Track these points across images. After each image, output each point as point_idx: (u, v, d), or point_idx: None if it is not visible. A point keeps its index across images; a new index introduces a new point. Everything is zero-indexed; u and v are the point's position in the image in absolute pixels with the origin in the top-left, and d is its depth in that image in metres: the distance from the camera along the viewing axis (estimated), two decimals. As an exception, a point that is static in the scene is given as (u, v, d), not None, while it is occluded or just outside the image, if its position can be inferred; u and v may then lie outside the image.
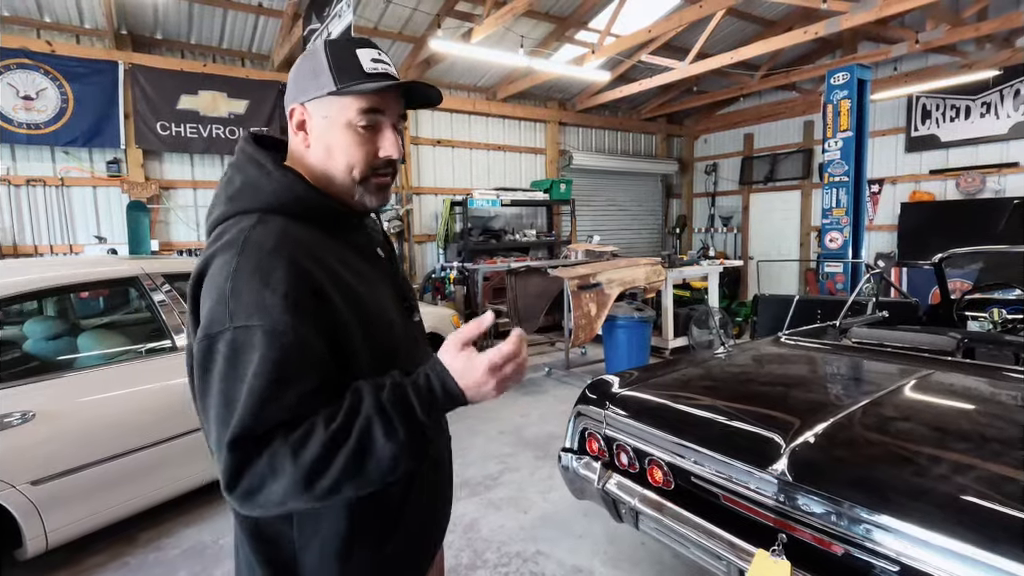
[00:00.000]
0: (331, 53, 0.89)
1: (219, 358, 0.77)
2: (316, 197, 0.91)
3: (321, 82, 0.89)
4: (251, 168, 0.91)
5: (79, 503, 2.46)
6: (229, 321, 0.76)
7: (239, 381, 0.75)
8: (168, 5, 5.30)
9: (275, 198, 0.88)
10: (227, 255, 0.81)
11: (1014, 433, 1.68)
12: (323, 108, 0.90)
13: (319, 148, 0.92)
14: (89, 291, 3.59)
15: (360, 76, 0.88)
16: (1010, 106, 6.83)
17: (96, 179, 5.63)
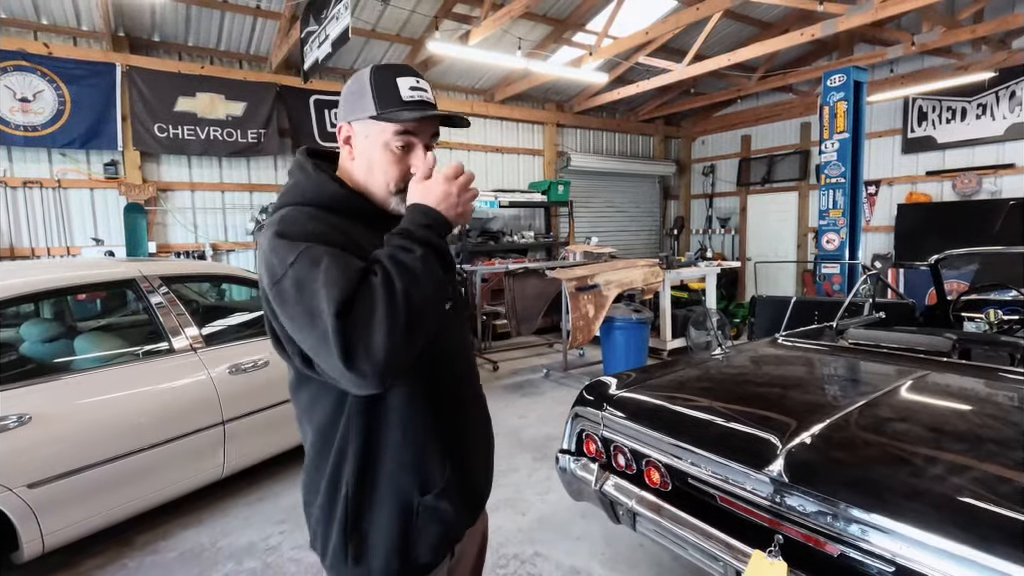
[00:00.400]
0: (374, 80, 1.03)
1: (289, 292, 0.88)
2: (347, 195, 1.05)
3: (364, 105, 1.03)
4: (298, 173, 1.08)
5: (76, 506, 2.45)
6: (284, 265, 0.90)
7: (313, 293, 0.86)
8: (165, 7, 5.30)
9: (313, 194, 1.04)
10: (270, 229, 0.97)
11: (1009, 434, 1.69)
12: (365, 128, 1.05)
13: (362, 162, 1.07)
14: (86, 293, 3.59)
15: (398, 104, 1.02)
16: (1006, 108, 6.87)
17: (93, 181, 5.62)
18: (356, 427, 1.02)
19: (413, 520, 1.06)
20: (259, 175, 6.56)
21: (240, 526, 2.98)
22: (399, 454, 1.04)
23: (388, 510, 1.05)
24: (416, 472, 1.06)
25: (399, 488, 1.05)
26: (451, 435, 1.12)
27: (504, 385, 5.56)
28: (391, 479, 1.05)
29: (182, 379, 2.87)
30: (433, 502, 1.07)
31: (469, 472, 1.17)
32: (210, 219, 6.31)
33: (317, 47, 4.86)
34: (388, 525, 1.04)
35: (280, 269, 0.90)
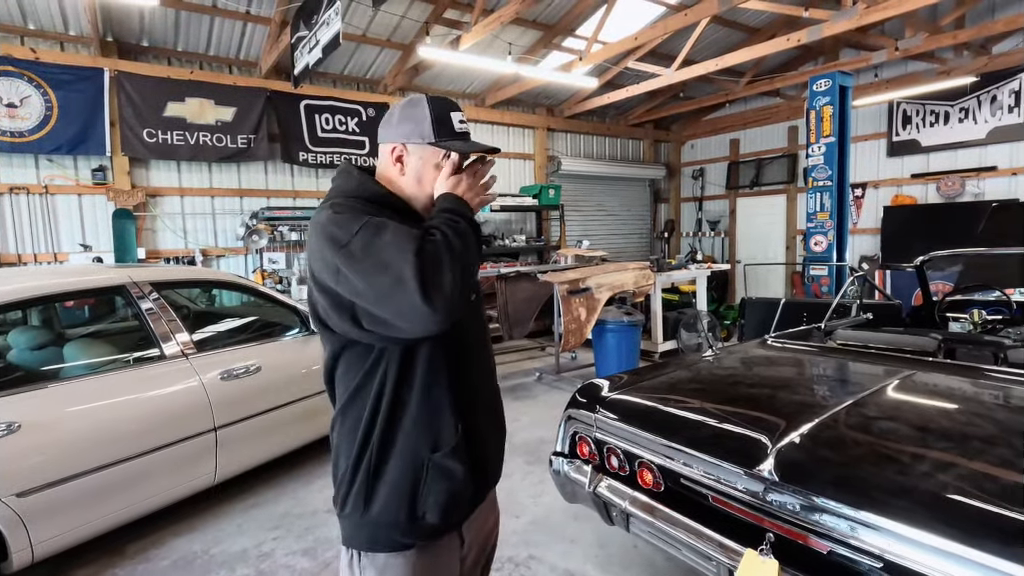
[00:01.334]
0: (433, 111, 1.20)
1: (359, 251, 1.03)
2: (388, 194, 1.22)
3: (423, 131, 1.20)
4: (341, 177, 1.25)
5: (66, 515, 2.43)
6: (349, 234, 1.04)
7: (383, 249, 1.02)
8: (154, 12, 5.28)
9: (354, 191, 1.20)
10: (325, 211, 1.12)
11: (993, 431, 1.73)
12: (420, 151, 1.22)
13: (411, 177, 1.23)
14: (75, 300, 3.56)
15: (452, 134, 1.21)
16: (987, 111, 6.99)
17: (81, 187, 5.57)
18: (388, 387, 1.16)
19: (423, 475, 1.17)
20: (249, 180, 6.53)
21: (233, 533, 2.96)
22: (416, 412, 1.17)
23: (401, 464, 1.17)
24: (429, 430, 1.18)
25: (413, 444, 1.17)
26: (465, 402, 1.23)
27: (497, 389, 5.56)
28: (407, 436, 1.17)
29: (173, 386, 2.85)
30: (441, 460, 1.18)
31: (479, 440, 1.27)
32: (200, 224, 6.27)
33: (308, 52, 4.86)
34: (399, 478, 1.17)
35: (345, 236, 1.04)
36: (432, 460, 1.18)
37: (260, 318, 3.75)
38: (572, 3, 6.39)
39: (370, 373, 1.17)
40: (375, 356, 1.16)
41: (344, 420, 1.22)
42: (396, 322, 1.03)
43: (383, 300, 1.01)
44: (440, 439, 1.19)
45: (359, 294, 1.04)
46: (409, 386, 1.18)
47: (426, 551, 1.20)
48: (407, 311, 1.00)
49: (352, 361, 1.19)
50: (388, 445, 1.18)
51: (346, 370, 1.21)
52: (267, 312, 3.82)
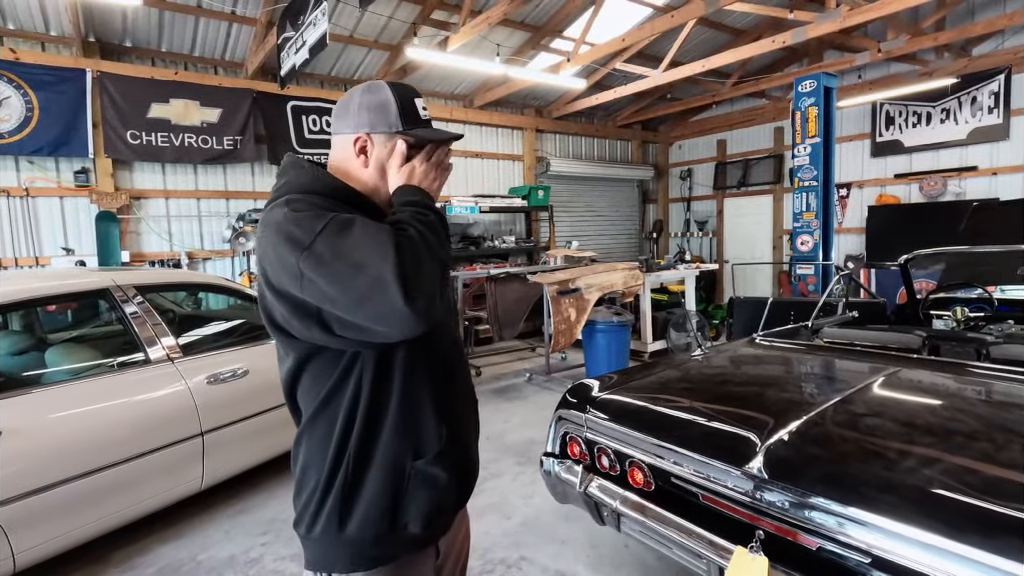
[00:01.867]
0: (399, 98, 1.14)
1: (326, 253, 0.94)
2: (346, 187, 1.12)
3: (389, 120, 1.13)
4: (293, 170, 1.13)
5: (49, 523, 2.38)
6: (312, 233, 0.95)
7: (354, 248, 0.93)
8: (137, 12, 5.21)
9: (311, 184, 1.09)
10: (279, 209, 1.01)
11: (977, 426, 1.75)
12: (387, 141, 1.14)
13: (375, 170, 1.15)
14: (57, 304, 3.50)
15: (419, 122, 1.15)
16: (968, 112, 7.11)
17: (63, 189, 5.48)
18: (364, 393, 1.07)
19: (404, 484, 1.10)
20: (235, 182, 6.47)
21: (221, 539, 2.92)
22: (397, 418, 1.09)
23: (381, 476, 1.08)
24: (411, 436, 1.11)
25: (393, 452, 1.09)
26: (446, 404, 1.16)
27: (487, 390, 5.56)
28: (387, 445, 1.09)
29: (159, 390, 2.81)
30: (425, 467, 1.11)
31: (463, 442, 1.21)
32: (185, 227, 6.20)
33: (294, 53, 4.83)
34: (379, 491, 1.08)
35: (307, 237, 0.95)
36: (415, 468, 1.11)
37: (247, 321, 3.72)
38: (560, 4, 6.41)
39: (343, 380, 1.08)
40: (347, 361, 1.06)
41: (313, 433, 1.12)
42: (374, 326, 0.95)
43: (360, 304, 0.93)
44: (423, 445, 1.12)
45: (330, 300, 0.94)
46: (388, 390, 1.09)
47: (404, 566, 1.12)
48: (387, 314, 0.92)
49: (321, 369, 1.09)
50: (366, 457, 1.09)
51: (314, 379, 1.10)
52: (254, 315, 3.78)
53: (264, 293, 1.05)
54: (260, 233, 1.05)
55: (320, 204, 1.02)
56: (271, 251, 0.99)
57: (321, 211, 0.99)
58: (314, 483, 1.10)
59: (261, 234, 1.04)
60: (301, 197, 1.04)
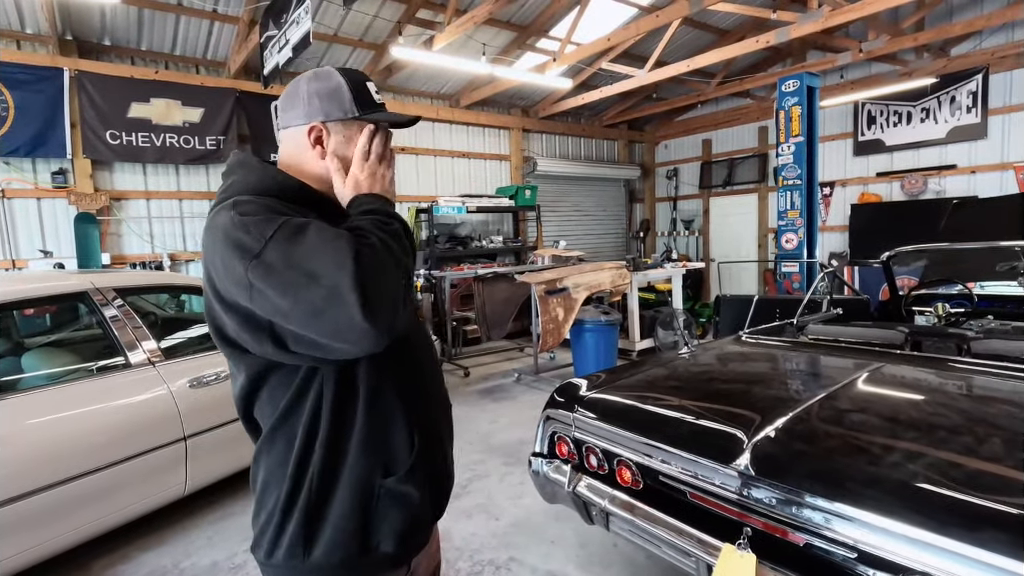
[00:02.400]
0: (350, 83, 1.07)
1: (277, 261, 0.86)
2: (299, 184, 1.04)
3: (344, 107, 1.05)
4: (239, 169, 1.06)
5: (27, 531, 2.32)
6: (263, 238, 0.87)
7: (308, 256, 0.86)
8: (116, 10, 5.12)
9: (261, 184, 1.01)
10: (226, 212, 0.93)
11: (958, 421, 1.77)
12: (344, 129, 1.06)
13: (332, 160, 1.06)
14: (34, 308, 3.42)
15: (374, 106, 1.08)
16: (947, 112, 7.24)
17: (40, 191, 5.37)
18: (326, 406, 0.99)
19: (374, 504, 1.01)
20: (218, 182, 6.31)
21: (204, 545, 2.88)
22: (363, 432, 1.01)
23: (348, 496, 1.00)
24: (379, 452, 1.03)
25: (361, 470, 1.01)
26: (418, 415, 1.09)
27: (475, 390, 5.54)
28: (353, 462, 1.01)
29: (140, 394, 2.76)
30: (395, 485, 1.03)
31: (435, 456, 1.14)
32: (167, 228, 6.10)
33: (278, 52, 4.77)
34: (346, 513, 1.00)
35: (256, 244, 0.87)
36: (384, 486, 1.02)
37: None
38: (545, 4, 6.41)
39: (301, 393, 1.00)
40: (306, 372, 0.98)
41: (271, 450, 1.03)
42: (331, 342, 0.87)
43: (314, 318, 0.85)
44: (393, 461, 1.04)
45: (282, 313, 0.86)
46: (352, 402, 1.01)
47: None
48: (344, 329, 0.84)
49: (278, 383, 1.01)
50: (331, 476, 1.00)
51: (270, 395, 1.02)
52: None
53: (212, 304, 0.97)
54: (205, 240, 0.96)
55: (271, 206, 0.93)
56: (217, 260, 0.91)
57: (272, 214, 0.90)
58: (273, 504, 1.02)
59: (206, 241, 0.95)
60: (250, 199, 0.95)
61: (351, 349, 0.88)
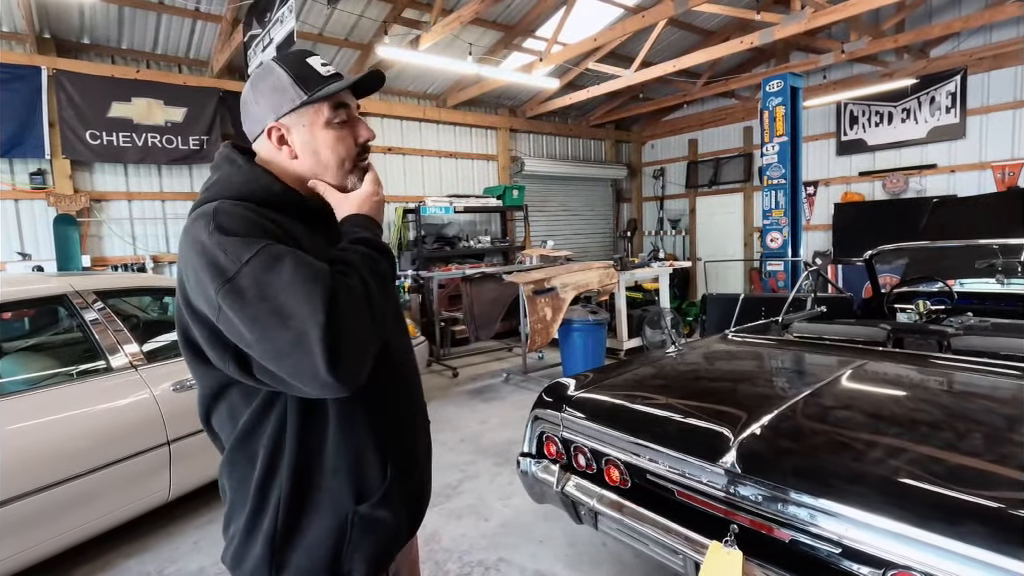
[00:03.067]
0: (288, 68, 1.00)
1: (249, 292, 0.82)
2: (283, 189, 1.00)
3: (290, 95, 0.99)
4: (226, 166, 1.02)
5: (5, 540, 2.27)
6: (238, 261, 0.83)
7: (281, 291, 0.81)
8: (95, 7, 5.03)
9: (245, 187, 0.97)
10: (204, 223, 0.88)
11: (939, 416, 1.80)
12: (300, 118, 1.00)
13: (307, 155, 1.02)
14: (11, 312, 3.35)
15: (322, 81, 1.00)
16: (927, 112, 7.36)
17: (18, 192, 5.26)
18: (290, 430, 0.95)
19: (347, 533, 0.97)
20: (202, 183, 6.28)
21: (189, 551, 2.84)
22: (334, 459, 0.97)
23: (317, 526, 0.97)
24: (350, 478, 0.98)
25: (332, 497, 0.97)
26: (393, 434, 1.05)
27: (464, 391, 5.53)
28: (324, 489, 0.97)
29: (122, 399, 2.71)
30: (369, 511, 0.99)
31: (412, 476, 1.11)
32: (150, 230, 6.01)
33: (262, 51, 4.72)
34: (317, 540, 0.96)
35: (232, 266, 0.83)
36: (358, 513, 0.98)
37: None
38: (532, 4, 6.41)
39: (262, 415, 0.95)
40: (267, 395, 0.95)
41: (232, 471, 1.00)
42: (291, 381, 0.83)
43: (277, 359, 0.82)
44: (367, 486, 0.99)
45: (246, 343, 0.84)
46: (319, 427, 0.96)
47: None
48: (307, 378, 0.81)
49: (239, 399, 0.97)
50: (299, 503, 0.96)
51: (230, 411, 0.99)
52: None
53: (181, 308, 0.93)
54: (182, 242, 0.92)
55: (253, 222, 0.89)
56: (191, 272, 0.88)
57: (251, 235, 0.86)
58: (240, 522, 0.99)
59: (183, 244, 0.91)
60: (231, 209, 0.90)
61: (311, 393, 0.85)
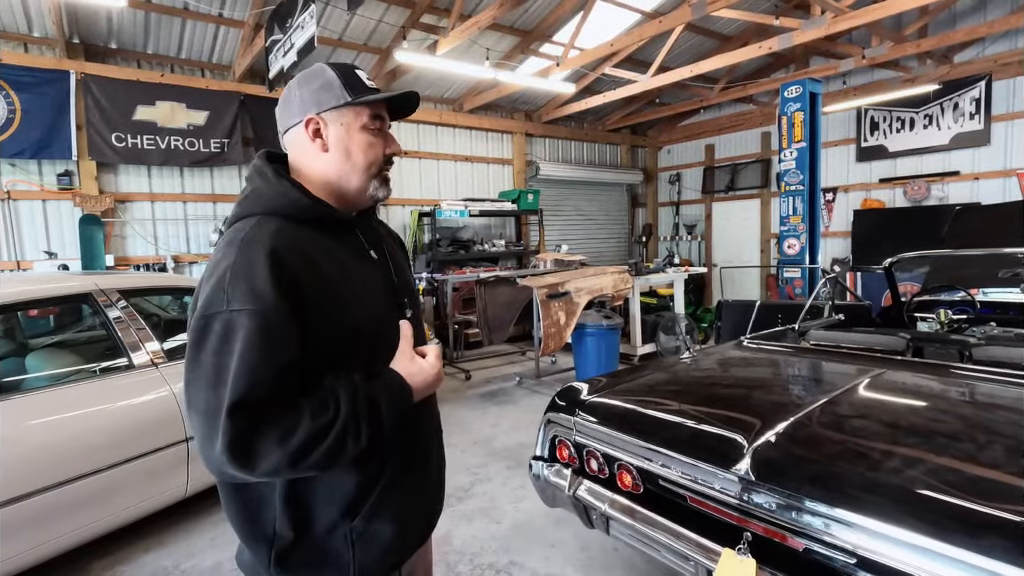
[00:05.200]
0: (339, 73, 1.06)
1: (213, 336, 0.89)
2: (311, 204, 1.04)
3: (336, 94, 1.05)
4: (257, 179, 1.06)
5: (29, 532, 2.33)
6: (226, 305, 0.89)
7: (230, 355, 0.87)
8: (122, 14, 5.16)
9: (274, 203, 1.02)
10: (227, 251, 0.95)
11: (959, 427, 1.77)
12: (341, 116, 1.06)
13: (338, 152, 1.06)
14: (38, 309, 3.44)
15: (367, 91, 1.07)
16: (950, 118, 7.23)
17: (46, 192, 5.40)
18: None
19: (348, 549, 1.01)
20: (223, 185, 6.41)
21: (205, 547, 2.88)
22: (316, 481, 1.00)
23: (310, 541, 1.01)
24: (335, 489, 1.01)
25: (326, 519, 1.01)
26: (390, 451, 1.06)
27: (477, 394, 5.54)
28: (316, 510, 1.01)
29: (143, 396, 2.77)
30: (363, 526, 1.02)
31: (410, 483, 1.12)
32: (171, 230, 6.13)
33: (283, 56, 4.80)
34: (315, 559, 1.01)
35: (215, 306, 0.90)
36: (354, 529, 1.01)
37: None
38: (549, 9, 6.44)
39: None
40: None
41: (224, 497, 1.05)
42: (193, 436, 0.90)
43: (188, 410, 0.90)
44: (354, 501, 1.02)
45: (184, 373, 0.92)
46: None
47: None
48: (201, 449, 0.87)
49: None
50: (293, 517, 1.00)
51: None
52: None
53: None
54: (216, 248, 0.99)
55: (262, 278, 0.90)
56: (206, 285, 0.94)
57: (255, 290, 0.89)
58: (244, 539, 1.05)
59: (216, 251, 0.98)
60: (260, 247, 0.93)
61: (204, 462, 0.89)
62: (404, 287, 1.19)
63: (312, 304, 0.95)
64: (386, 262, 1.16)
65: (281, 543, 1.00)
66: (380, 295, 1.10)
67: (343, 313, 0.99)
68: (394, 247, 1.26)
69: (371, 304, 1.06)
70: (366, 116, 1.06)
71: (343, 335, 0.99)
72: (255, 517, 1.01)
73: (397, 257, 1.23)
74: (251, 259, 0.92)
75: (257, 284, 0.90)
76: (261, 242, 0.94)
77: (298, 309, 0.93)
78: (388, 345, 1.06)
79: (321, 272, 0.98)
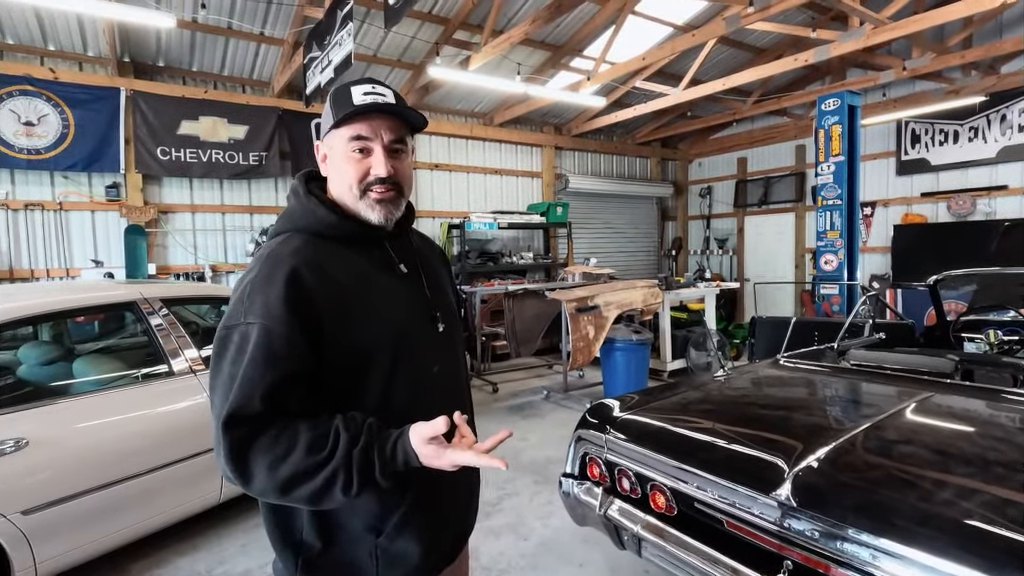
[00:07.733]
0: (335, 95, 1.07)
1: (232, 346, 0.95)
2: (336, 220, 1.08)
3: (328, 120, 1.07)
4: (292, 197, 1.13)
5: (71, 533, 2.41)
6: (244, 317, 0.95)
7: (240, 365, 0.92)
8: (171, 34, 5.39)
9: (303, 220, 1.09)
10: (254, 265, 1.03)
11: (1015, 456, 1.68)
12: (331, 141, 1.09)
13: (333, 174, 1.11)
14: (85, 316, 3.57)
15: (349, 109, 1.03)
16: (997, 131, 6.97)
17: (95, 203, 5.65)
18: None
19: (374, 565, 1.03)
20: (260, 197, 6.60)
21: (236, 553, 2.92)
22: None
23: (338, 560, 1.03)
24: (362, 506, 1.01)
25: (352, 535, 1.03)
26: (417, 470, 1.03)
27: (504, 407, 5.52)
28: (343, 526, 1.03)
29: (181, 402, 2.85)
30: (388, 544, 1.03)
31: (439, 498, 1.11)
32: (210, 240, 6.33)
33: (320, 72, 4.94)
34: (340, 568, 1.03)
35: (234, 319, 0.96)
36: (379, 546, 1.02)
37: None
38: (581, 24, 6.47)
39: None
40: None
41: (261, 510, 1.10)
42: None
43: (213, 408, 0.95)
44: (378, 518, 1.02)
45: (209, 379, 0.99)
46: None
47: None
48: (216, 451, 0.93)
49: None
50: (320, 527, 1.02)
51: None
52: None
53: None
54: (247, 269, 1.06)
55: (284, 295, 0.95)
56: (233, 296, 1.02)
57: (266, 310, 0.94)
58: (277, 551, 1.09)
59: (246, 270, 1.05)
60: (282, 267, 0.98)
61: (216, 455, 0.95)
62: (439, 300, 1.19)
63: (327, 319, 0.98)
64: (418, 276, 1.17)
65: (308, 552, 1.02)
66: (403, 308, 1.10)
67: (359, 327, 1.01)
68: (435, 263, 1.28)
69: (391, 317, 1.07)
70: (345, 139, 1.06)
71: (358, 348, 1.01)
72: (285, 524, 1.04)
73: (434, 271, 1.24)
74: (270, 274, 0.98)
75: (270, 299, 0.95)
76: (282, 258, 1.00)
77: (311, 324, 0.96)
78: (414, 356, 1.07)
79: (339, 287, 1.01)
